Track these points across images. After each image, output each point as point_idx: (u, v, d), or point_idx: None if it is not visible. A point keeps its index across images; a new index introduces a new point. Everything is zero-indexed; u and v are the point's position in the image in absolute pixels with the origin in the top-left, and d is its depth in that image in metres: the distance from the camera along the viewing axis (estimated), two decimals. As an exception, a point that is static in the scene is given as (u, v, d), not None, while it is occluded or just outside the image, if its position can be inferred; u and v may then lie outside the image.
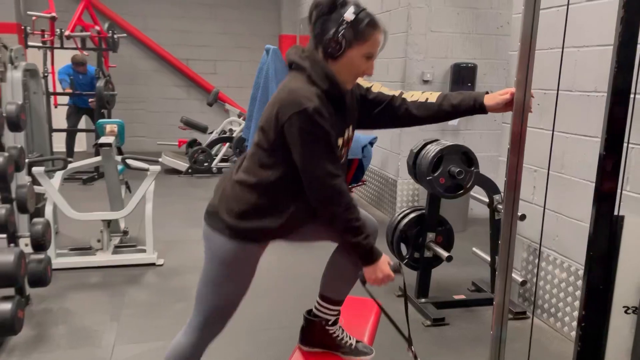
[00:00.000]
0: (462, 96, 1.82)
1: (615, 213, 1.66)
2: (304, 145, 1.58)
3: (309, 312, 1.98)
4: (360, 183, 5.49)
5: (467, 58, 5.08)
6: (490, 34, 5.10)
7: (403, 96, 1.87)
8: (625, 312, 1.73)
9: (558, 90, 2.64)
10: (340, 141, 1.71)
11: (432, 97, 1.85)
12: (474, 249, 3.63)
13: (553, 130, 2.68)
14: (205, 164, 7.28)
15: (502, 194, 3.25)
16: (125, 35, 7.77)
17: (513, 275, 3.25)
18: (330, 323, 1.94)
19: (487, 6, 5.05)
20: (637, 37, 1.52)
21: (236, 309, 1.84)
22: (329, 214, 1.64)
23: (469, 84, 5.01)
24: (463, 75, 5.04)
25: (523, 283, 3.16)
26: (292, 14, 9.14)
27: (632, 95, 1.56)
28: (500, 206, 3.29)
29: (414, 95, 1.87)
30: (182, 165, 7.28)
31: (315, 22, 1.65)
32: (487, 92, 1.80)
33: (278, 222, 1.71)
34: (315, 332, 1.94)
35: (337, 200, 1.61)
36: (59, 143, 7.29)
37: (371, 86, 1.89)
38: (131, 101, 9.01)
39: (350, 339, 1.96)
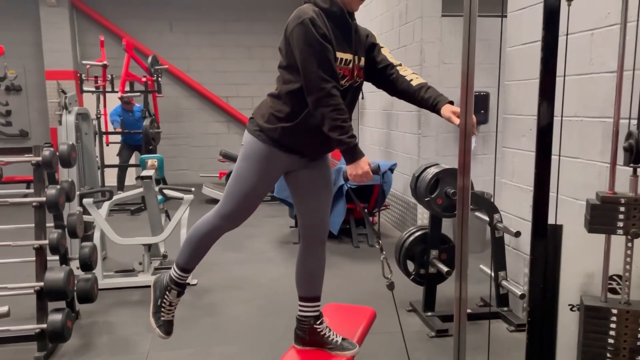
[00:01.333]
0: (432, 94, 2.13)
1: (553, 222, 1.92)
2: (302, 50, 1.93)
3: (299, 315, 2.31)
4: (383, 207, 5.78)
5: (479, 87, 5.35)
6: (503, 64, 5.35)
7: (398, 68, 2.20)
8: (571, 309, 1.97)
9: (562, 116, 2.90)
10: (345, 56, 2.03)
11: (416, 81, 2.17)
12: (480, 265, 3.85)
13: (560, 156, 2.92)
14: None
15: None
16: (166, 67, 8.39)
17: (513, 288, 3.48)
18: (317, 322, 2.25)
19: (497, 37, 5.33)
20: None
21: (254, 207, 2.21)
22: (319, 114, 1.95)
23: (482, 111, 5.27)
24: (477, 103, 5.29)
25: (522, 296, 3.36)
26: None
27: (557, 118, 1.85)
28: (499, 224, 3.52)
29: (407, 71, 2.20)
30: (221, 195, 7.74)
31: None
32: (451, 102, 2.10)
33: (291, 124, 2.06)
34: (305, 331, 2.26)
35: (325, 101, 1.93)
36: (111, 177, 7.97)
37: (382, 46, 2.24)
38: (176, 137, 9.70)
39: (336, 336, 2.26)
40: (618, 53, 1.77)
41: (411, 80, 2.17)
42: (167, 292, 2.34)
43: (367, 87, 7.11)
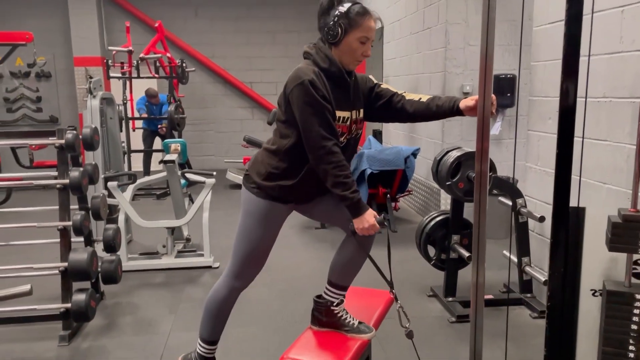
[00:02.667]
0: (445, 99, 2.12)
1: (576, 205, 1.86)
2: (302, 110, 1.95)
3: (319, 296, 2.30)
4: (406, 193, 5.72)
5: (506, 69, 5.22)
6: (529, 45, 5.20)
7: (403, 94, 2.21)
8: (593, 294, 1.91)
9: (586, 97, 2.81)
10: (343, 114, 2.05)
11: (424, 97, 2.18)
12: (504, 251, 3.78)
13: (583, 137, 2.81)
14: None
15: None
16: (194, 70, 8.47)
17: (537, 275, 3.41)
18: (335, 304, 2.24)
19: (524, 17, 5.17)
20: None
21: (264, 260, 2.24)
22: (322, 171, 1.97)
23: (509, 94, 5.14)
24: (503, 85, 5.17)
25: (545, 283, 3.28)
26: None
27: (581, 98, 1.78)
28: (523, 209, 3.45)
29: (411, 95, 2.20)
30: (245, 180, 7.79)
31: (319, 18, 2.05)
32: (464, 97, 2.07)
33: (292, 182, 2.08)
34: (322, 312, 2.25)
35: (327, 158, 1.94)
36: (138, 162, 8.08)
37: (381, 83, 2.25)
38: (201, 123, 9.77)
39: (353, 319, 2.25)
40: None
41: (420, 99, 2.17)
42: None
43: (390, 70, 7.02)
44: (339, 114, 2.04)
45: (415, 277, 4.12)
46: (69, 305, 3.12)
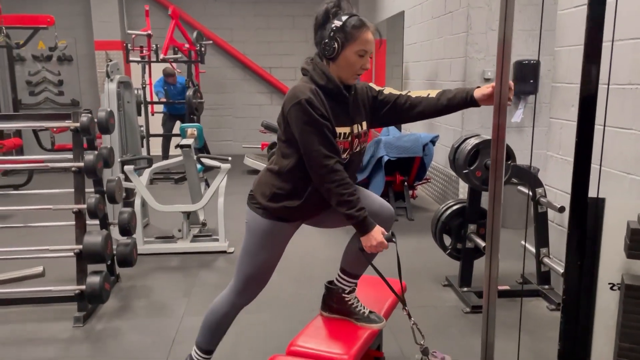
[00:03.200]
0: (457, 91, 2.04)
1: (595, 195, 1.79)
2: (301, 130, 1.90)
3: (330, 282, 2.27)
4: (424, 181, 5.65)
5: (530, 55, 5.08)
6: (554, 30, 5.05)
7: (408, 94, 2.13)
8: (611, 288, 1.85)
9: (609, 84, 2.71)
10: (343, 130, 1.99)
11: (433, 92, 2.10)
12: (522, 242, 3.69)
13: (605, 125, 2.72)
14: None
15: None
16: (210, 42, 8.41)
17: (555, 266, 3.33)
18: (346, 292, 2.21)
19: (550, 1, 5.02)
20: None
21: (267, 279, 2.20)
22: (325, 190, 1.93)
23: (531, 80, 5.01)
24: (525, 72, 5.04)
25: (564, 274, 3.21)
26: (368, 18, 9.39)
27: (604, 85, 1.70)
28: (543, 199, 3.36)
29: (418, 92, 2.13)
30: (262, 166, 7.80)
31: (315, 33, 1.96)
32: (478, 87, 2.00)
33: (298, 202, 2.03)
34: (333, 299, 2.23)
35: (329, 177, 1.89)
36: (156, 146, 8.13)
37: (383, 89, 2.17)
38: (220, 108, 9.77)
39: (364, 308, 2.21)
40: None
41: (428, 94, 2.10)
42: None
43: (411, 56, 6.92)
44: (339, 130, 1.98)
45: (431, 266, 4.07)
46: (83, 287, 3.15)
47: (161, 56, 7.13)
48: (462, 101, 2.02)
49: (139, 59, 7.47)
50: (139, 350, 2.91)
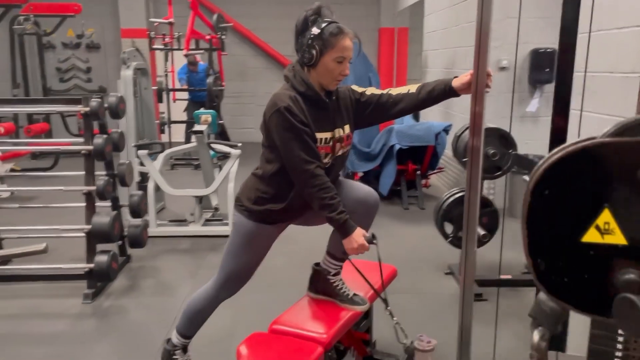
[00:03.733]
0: (435, 83, 2.06)
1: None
2: (281, 137, 1.95)
3: (317, 264, 2.33)
4: (437, 170, 5.63)
5: (548, 43, 4.98)
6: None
7: (389, 92, 2.16)
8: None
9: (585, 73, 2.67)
10: (324, 135, 2.03)
11: (413, 88, 2.12)
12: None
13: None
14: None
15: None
16: (230, 25, 8.46)
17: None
18: (332, 274, 2.26)
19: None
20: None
21: (249, 276, 2.28)
22: (307, 195, 1.98)
23: (547, 69, 4.92)
24: (542, 60, 4.96)
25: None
26: (391, 6, 9.35)
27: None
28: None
29: (398, 90, 2.16)
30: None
31: (295, 40, 2.01)
32: (456, 77, 2.00)
33: (281, 206, 2.09)
34: (319, 280, 2.28)
35: (311, 182, 1.94)
36: (178, 133, 8.30)
37: (365, 91, 2.19)
38: (242, 96, 9.88)
39: (348, 290, 2.26)
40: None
41: (408, 90, 2.12)
42: (173, 356, 2.41)
43: (430, 44, 6.82)
44: (319, 135, 2.01)
45: (434, 254, 4.08)
46: (92, 265, 3.29)
47: (183, 52, 7.24)
48: (441, 93, 2.04)
49: (161, 47, 7.61)
50: (142, 327, 3.03)
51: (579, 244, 0.84)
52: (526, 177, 3.67)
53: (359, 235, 1.99)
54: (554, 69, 5.02)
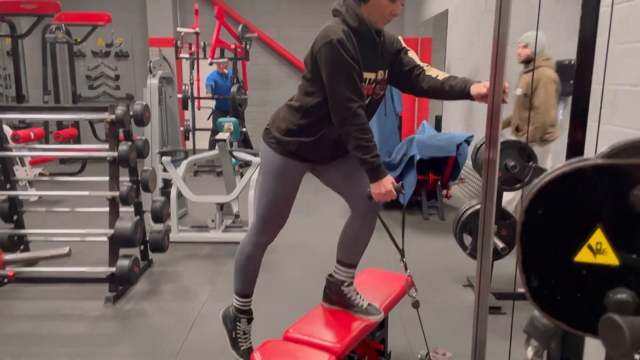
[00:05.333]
0: (458, 81, 2.06)
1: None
2: (329, 70, 1.94)
3: (331, 275, 2.35)
4: (458, 181, 5.60)
5: (572, 55, 4.92)
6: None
7: (424, 68, 2.16)
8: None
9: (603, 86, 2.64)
10: (369, 75, 2.03)
11: (442, 75, 2.12)
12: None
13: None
14: (323, 161, 7.87)
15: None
16: (255, 35, 8.58)
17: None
18: (345, 284, 2.28)
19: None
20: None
21: (285, 217, 2.27)
22: (345, 133, 1.97)
23: (571, 81, 4.85)
24: (565, 72, 4.89)
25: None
26: (415, 16, 9.35)
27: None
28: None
29: (432, 70, 2.15)
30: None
31: None
32: (479, 82, 2.00)
33: (311, 138, 2.08)
34: (333, 291, 2.30)
35: (350, 120, 1.94)
36: (202, 140, 8.42)
37: (408, 50, 2.20)
38: (265, 104, 9.97)
39: (362, 300, 2.27)
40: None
41: (437, 76, 2.12)
42: (237, 323, 2.45)
43: (454, 55, 6.80)
44: (365, 75, 2.01)
45: (454, 266, 4.06)
46: (114, 269, 3.36)
47: (209, 60, 7.36)
48: (459, 92, 2.03)
49: (187, 56, 7.75)
50: (161, 331, 3.08)
51: (572, 263, 0.84)
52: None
53: (388, 181, 1.99)
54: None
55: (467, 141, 5.23)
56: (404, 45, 2.19)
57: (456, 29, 6.81)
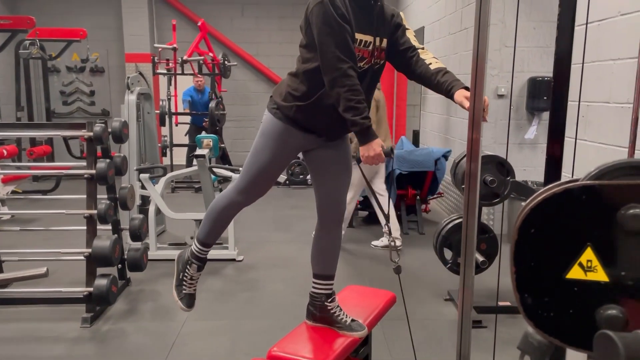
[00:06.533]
0: (448, 79, 2.04)
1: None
2: (319, 30, 1.93)
3: (311, 291, 2.34)
4: (436, 195, 5.66)
5: (545, 72, 5.06)
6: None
7: (419, 51, 2.15)
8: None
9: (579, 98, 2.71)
10: (365, 38, 2.02)
11: (435, 65, 2.10)
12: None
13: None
14: (301, 177, 7.87)
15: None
16: (236, 64, 8.65)
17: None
18: (329, 300, 2.27)
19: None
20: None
21: (268, 185, 2.24)
22: (335, 94, 1.96)
23: (545, 97, 4.99)
24: (539, 89, 5.03)
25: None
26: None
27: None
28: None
29: (427, 54, 2.15)
30: (281, 177, 7.93)
31: None
32: (466, 88, 2.00)
33: (307, 102, 2.06)
34: (316, 307, 2.29)
35: (341, 81, 1.92)
36: (179, 156, 8.34)
37: (408, 29, 2.19)
38: (244, 120, 9.97)
39: (346, 317, 2.26)
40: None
41: (430, 64, 2.11)
42: (188, 266, 2.43)
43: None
44: (359, 36, 2.00)
45: (434, 280, 4.09)
46: (91, 289, 3.29)
47: (185, 57, 7.32)
48: (445, 91, 2.03)
49: (165, 72, 7.72)
50: (140, 352, 3.02)
51: (564, 280, 0.86)
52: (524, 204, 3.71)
53: (377, 144, 1.98)
54: (550, 97, 5.10)
55: (445, 156, 5.30)
56: (404, 22, 2.18)
57: (433, 46, 6.93)
